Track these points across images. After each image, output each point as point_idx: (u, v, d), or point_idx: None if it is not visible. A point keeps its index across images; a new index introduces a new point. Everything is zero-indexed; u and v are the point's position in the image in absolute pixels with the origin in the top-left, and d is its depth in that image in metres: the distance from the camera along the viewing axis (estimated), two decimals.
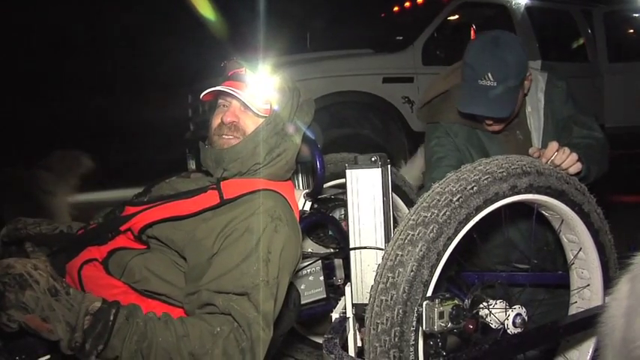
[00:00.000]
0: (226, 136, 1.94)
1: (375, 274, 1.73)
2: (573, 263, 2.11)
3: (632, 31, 7.62)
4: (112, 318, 1.43)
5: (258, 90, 1.95)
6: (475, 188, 1.72)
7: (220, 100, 2.01)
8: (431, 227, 1.66)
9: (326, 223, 2.31)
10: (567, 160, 2.02)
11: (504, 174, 1.77)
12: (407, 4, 6.75)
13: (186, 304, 1.67)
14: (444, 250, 1.69)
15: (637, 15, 7.53)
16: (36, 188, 2.90)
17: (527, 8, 6.55)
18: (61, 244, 1.93)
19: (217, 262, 1.67)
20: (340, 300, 2.14)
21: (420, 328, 1.67)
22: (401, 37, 6.07)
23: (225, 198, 1.80)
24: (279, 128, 1.93)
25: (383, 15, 7.22)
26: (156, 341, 1.46)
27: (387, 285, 1.65)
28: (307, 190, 2.20)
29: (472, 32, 5.86)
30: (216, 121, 1.98)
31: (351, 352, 1.91)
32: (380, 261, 1.74)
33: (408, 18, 6.64)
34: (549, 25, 6.76)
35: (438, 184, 1.76)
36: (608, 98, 6.92)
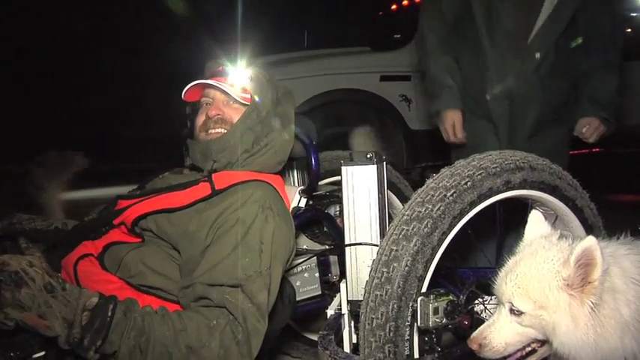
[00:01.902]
0: (213, 130, 1.97)
1: (369, 270, 1.73)
2: None
3: (629, 30, 7.61)
4: (109, 314, 1.43)
5: (237, 79, 2.01)
6: (469, 183, 1.73)
7: (203, 99, 2.06)
8: (425, 222, 1.66)
9: (321, 220, 2.31)
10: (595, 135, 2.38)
11: (498, 169, 1.78)
12: (404, 2, 6.73)
13: (181, 297, 1.67)
14: (439, 245, 1.69)
15: (635, 14, 7.51)
16: (29, 185, 2.89)
17: None
18: (55, 239, 1.93)
19: (209, 254, 1.68)
20: (335, 297, 2.14)
21: (415, 323, 1.68)
22: (398, 36, 6.05)
23: (216, 189, 1.81)
24: (263, 116, 1.96)
25: (380, 13, 7.21)
26: (154, 336, 1.47)
27: (382, 280, 1.65)
28: (302, 187, 2.20)
29: None
30: (201, 119, 2.03)
31: (347, 348, 1.91)
32: (375, 257, 1.74)
33: (405, 16, 6.63)
34: None
35: (432, 180, 1.77)
36: None
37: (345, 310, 1.93)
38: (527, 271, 1.40)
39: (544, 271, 1.38)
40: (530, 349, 1.47)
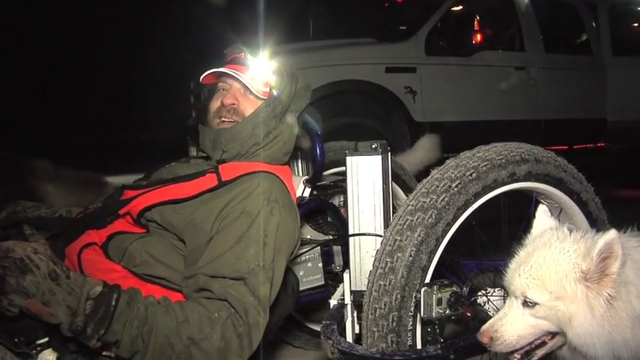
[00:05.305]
0: (226, 119, 1.96)
1: (373, 260, 1.73)
2: None
3: (636, 24, 7.58)
4: (113, 303, 1.44)
5: (258, 73, 1.97)
6: (474, 175, 1.72)
7: (220, 84, 2.03)
8: (430, 213, 1.66)
9: (325, 210, 2.31)
10: None
11: (503, 161, 1.77)
12: None
13: (183, 287, 1.68)
14: (443, 236, 1.70)
15: None
16: (29, 175, 2.88)
17: (532, 0, 6.51)
18: (60, 227, 1.94)
19: (213, 245, 1.68)
20: (338, 287, 2.14)
21: (418, 314, 1.68)
22: (404, 27, 6.04)
23: (223, 180, 1.81)
24: (278, 111, 1.95)
25: (386, 4, 7.19)
26: (156, 326, 1.48)
27: (386, 270, 1.65)
28: (307, 177, 2.20)
29: (475, 23, 5.83)
30: (215, 104, 2.00)
31: (349, 338, 1.92)
32: (379, 247, 1.74)
33: (411, 8, 6.61)
34: (553, 17, 6.71)
35: (437, 171, 1.76)
36: (611, 92, 6.89)
37: (348, 300, 1.93)
38: (543, 262, 1.40)
39: (560, 262, 1.38)
40: (539, 341, 1.47)
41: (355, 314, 1.92)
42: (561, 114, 6.52)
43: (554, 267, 1.38)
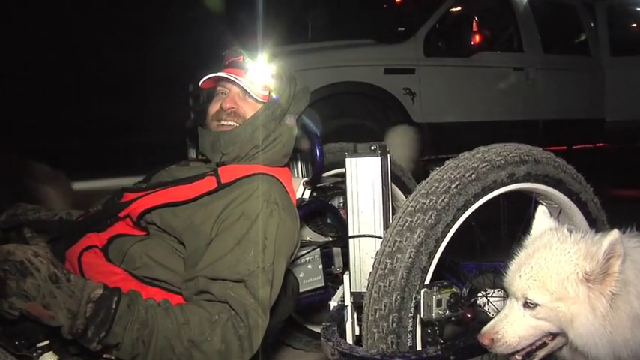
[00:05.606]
0: (225, 122, 1.96)
1: (373, 261, 1.73)
2: None
3: (634, 25, 7.59)
4: (114, 306, 1.44)
5: (257, 76, 1.97)
6: (473, 176, 1.73)
7: (219, 88, 2.04)
8: (429, 214, 1.67)
9: (325, 212, 2.31)
10: None
11: (502, 162, 1.78)
12: None
13: (183, 289, 1.68)
14: (443, 237, 1.70)
15: None
16: (28, 177, 2.88)
17: (530, 0, 6.52)
18: (60, 230, 1.94)
19: (213, 248, 1.68)
20: (338, 288, 2.15)
21: (418, 315, 1.68)
22: (403, 28, 6.03)
23: (222, 183, 1.81)
24: (277, 114, 1.95)
25: (385, 6, 7.19)
26: (157, 328, 1.48)
27: (386, 271, 1.66)
28: (306, 179, 2.20)
29: (474, 24, 5.84)
30: (214, 108, 2.00)
31: (349, 340, 1.92)
32: (379, 249, 1.74)
33: (410, 9, 6.61)
34: (552, 17, 6.72)
35: (436, 172, 1.77)
36: (609, 92, 6.90)
37: (348, 301, 1.93)
38: (543, 263, 1.40)
39: (561, 262, 1.38)
40: (540, 342, 1.47)
41: (355, 316, 1.93)
42: (560, 114, 6.53)
43: (555, 268, 1.38)
